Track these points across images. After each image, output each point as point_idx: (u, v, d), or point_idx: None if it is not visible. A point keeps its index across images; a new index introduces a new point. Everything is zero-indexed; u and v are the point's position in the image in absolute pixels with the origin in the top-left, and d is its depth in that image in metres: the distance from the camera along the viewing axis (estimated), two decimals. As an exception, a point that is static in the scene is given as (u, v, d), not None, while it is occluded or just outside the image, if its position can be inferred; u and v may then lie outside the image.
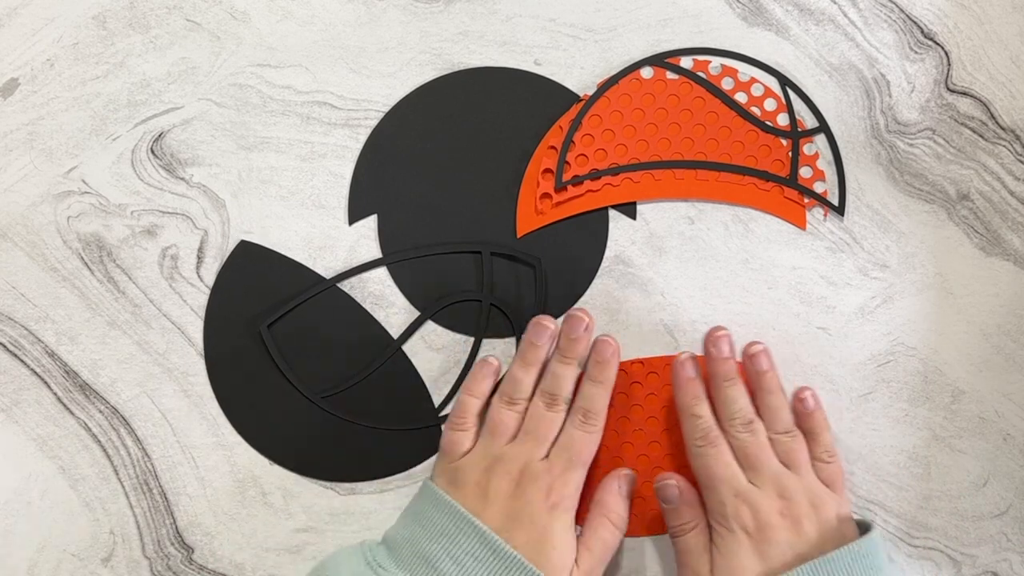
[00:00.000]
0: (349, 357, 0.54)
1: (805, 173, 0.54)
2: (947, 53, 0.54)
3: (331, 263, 0.54)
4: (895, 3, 0.54)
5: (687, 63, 0.54)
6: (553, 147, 0.54)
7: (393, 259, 0.54)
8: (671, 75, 0.54)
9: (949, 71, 0.54)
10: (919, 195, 0.54)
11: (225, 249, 0.54)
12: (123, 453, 0.54)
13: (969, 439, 0.54)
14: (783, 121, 0.54)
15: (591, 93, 0.54)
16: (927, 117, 0.54)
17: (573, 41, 0.54)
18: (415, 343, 0.54)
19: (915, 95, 0.54)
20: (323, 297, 0.54)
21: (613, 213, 0.54)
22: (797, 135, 0.54)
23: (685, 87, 0.54)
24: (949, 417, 0.54)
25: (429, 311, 0.54)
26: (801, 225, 0.54)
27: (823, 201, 0.54)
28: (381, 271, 0.54)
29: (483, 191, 0.54)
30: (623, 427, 0.53)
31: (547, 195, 0.54)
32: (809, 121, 0.54)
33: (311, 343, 0.54)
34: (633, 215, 0.54)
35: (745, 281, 0.54)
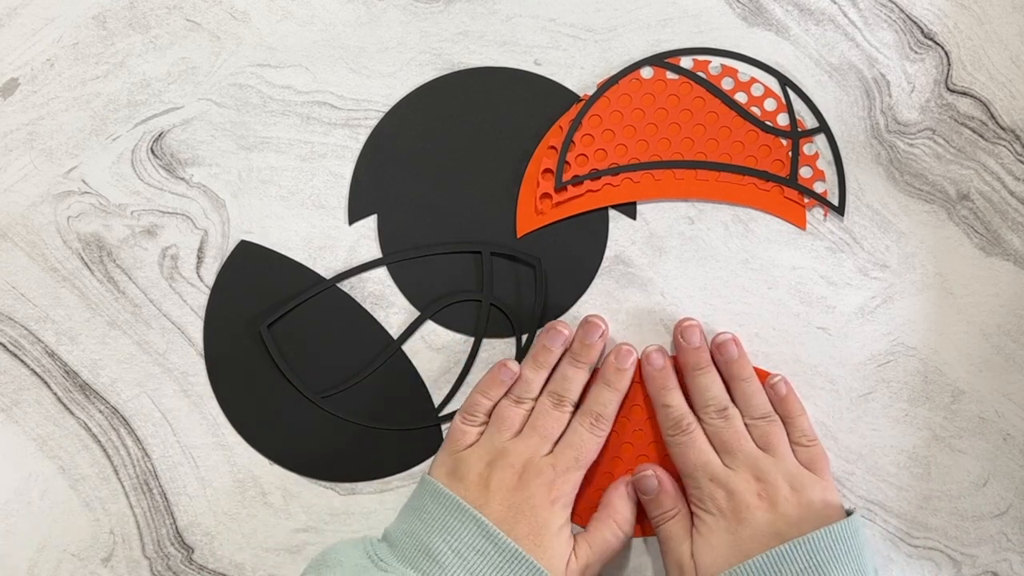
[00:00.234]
0: (349, 357, 0.54)
1: (805, 173, 0.54)
2: (947, 53, 0.54)
3: (331, 263, 0.54)
4: (895, 3, 0.54)
5: (687, 63, 0.54)
6: (553, 147, 0.54)
7: (393, 259, 0.54)
8: (671, 75, 0.54)
9: (949, 71, 0.54)
10: (919, 195, 0.54)
11: (225, 249, 0.54)
12: (123, 453, 0.54)
13: (969, 439, 0.54)
14: (783, 121, 0.54)
15: (591, 93, 0.54)
16: (927, 117, 0.54)
17: (573, 41, 0.54)
18: (415, 343, 0.54)
19: (915, 95, 0.54)
20: (323, 297, 0.54)
21: (613, 213, 0.54)
22: (797, 135, 0.54)
23: (685, 87, 0.54)
24: (949, 417, 0.54)
25: (429, 311, 0.54)
26: (801, 225, 0.54)
27: (823, 201, 0.54)
28: (381, 271, 0.54)
29: (483, 191, 0.54)
30: (623, 427, 0.53)
31: (547, 195, 0.54)
32: (809, 121, 0.54)
33: (311, 343, 0.54)
34: (633, 215, 0.54)
35: (745, 281, 0.54)
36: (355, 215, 0.54)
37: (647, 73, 0.54)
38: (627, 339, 0.54)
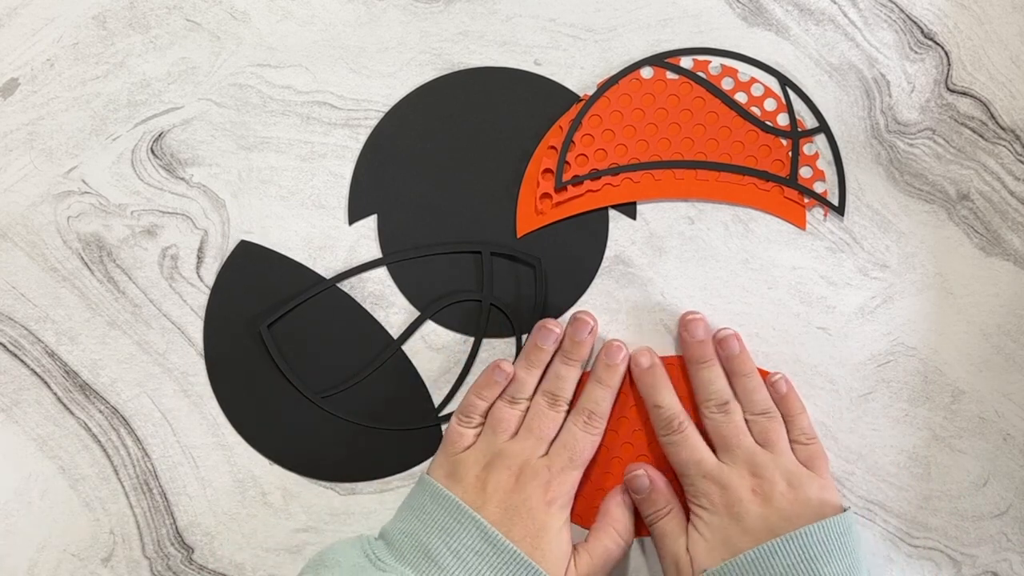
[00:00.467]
0: (349, 357, 0.54)
1: (805, 173, 0.54)
2: (947, 53, 0.54)
3: (331, 263, 0.54)
4: (895, 3, 0.54)
5: (687, 63, 0.54)
6: (553, 147, 0.54)
7: (393, 259, 0.54)
8: (671, 75, 0.54)
9: (949, 71, 0.54)
10: (919, 195, 0.54)
11: (225, 249, 0.54)
12: (123, 453, 0.54)
13: (969, 439, 0.54)
14: (783, 121, 0.54)
15: (591, 93, 0.54)
16: (927, 117, 0.54)
17: (573, 41, 0.54)
18: (415, 343, 0.54)
19: (915, 95, 0.54)
20: (323, 297, 0.54)
21: (613, 213, 0.54)
22: (797, 135, 0.54)
23: (685, 87, 0.54)
24: (949, 417, 0.54)
25: (429, 311, 0.54)
26: (801, 225, 0.54)
27: (823, 201, 0.54)
28: (381, 271, 0.54)
29: (483, 191, 0.54)
30: (622, 427, 0.53)
31: (547, 195, 0.54)
32: (809, 121, 0.54)
33: (311, 343, 0.54)
34: (633, 215, 0.54)
35: (745, 281, 0.54)
36: (355, 215, 0.54)
37: (647, 73, 0.54)
38: (627, 339, 0.54)
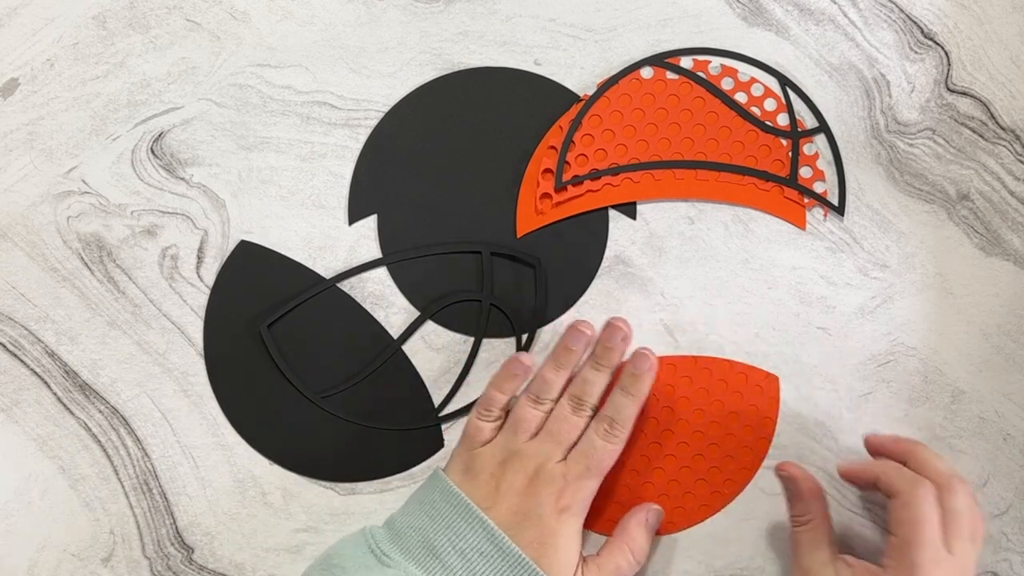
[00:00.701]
0: (349, 357, 0.54)
1: (805, 173, 0.54)
2: (947, 53, 0.54)
3: (331, 263, 0.54)
4: (895, 3, 0.54)
5: (687, 63, 0.54)
6: (553, 147, 0.54)
7: (393, 259, 0.54)
8: (671, 75, 0.54)
9: (949, 71, 0.54)
10: (919, 195, 0.54)
11: (225, 249, 0.54)
12: (123, 453, 0.54)
13: (969, 439, 0.54)
14: (783, 121, 0.54)
15: (591, 93, 0.54)
16: (927, 117, 0.54)
17: (573, 41, 0.54)
18: (415, 343, 0.54)
19: (915, 95, 0.54)
20: (323, 297, 0.54)
21: (613, 213, 0.54)
22: (797, 135, 0.54)
23: (685, 87, 0.54)
24: (949, 417, 0.54)
25: (429, 311, 0.54)
26: (801, 225, 0.54)
27: (823, 201, 0.54)
28: (381, 271, 0.54)
29: (483, 191, 0.54)
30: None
31: (547, 195, 0.54)
32: (809, 121, 0.54)
33: (311, 343, 0.54)
34: (633, 215, 0.54)
35: (745, 281, 0.54)
36: (355, 215, 0.54)
37: (647, 73, 0.54)
38: (627, 339, 0.54)
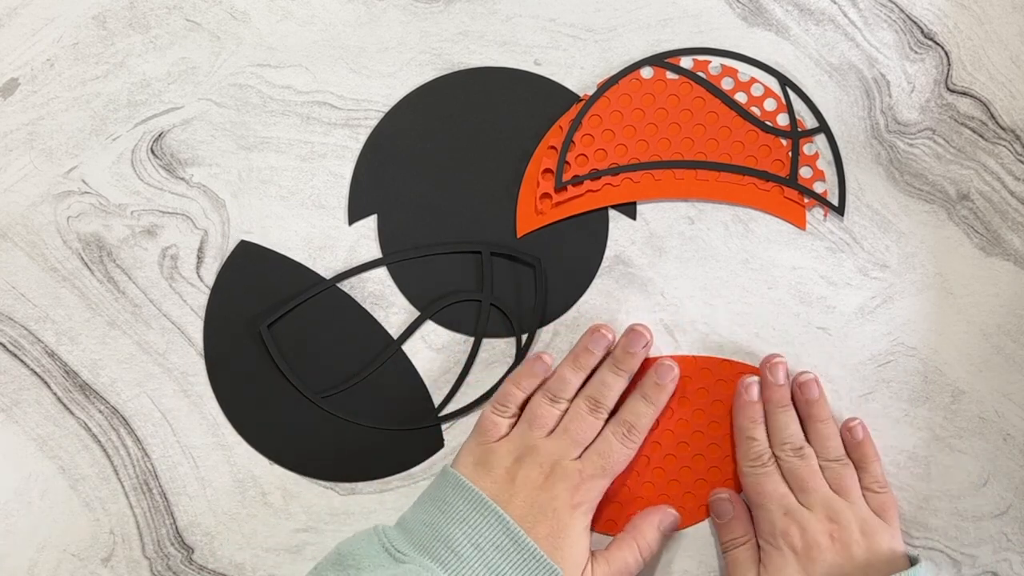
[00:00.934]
0: (349, 357, 0.54)
1: (805, 173, 0.54)
2: (947, 53, 0.54)
3: (331, 263, 0.54)
4: (895, 3, 0.54)
5: (687, 63, 0.54)
6: (553, 147, 0.54)
7: (393, 259, 0.54)
8: (671, 75, 0.54)
9: (949, 71, 0.54)
10: (919, 195, 0.54)
11: (225, 249, 0.54)
12: (123, 453, 0.54)
13: (969, 439, 0.54)
14: (783, 121, 0.54)
15: (591, 93, 0.54)
16: (927, 117, 0.54)
17: (573, 41, 0.54)
18: (415, 343, 0.54)
19: (915, 95, 0.54)
20: (323, 297, 0.54)
21: (613, 213, 0.54)
22: (797, 135, 0.54)
23: (685, 87, 0.54)
24: (949, 417, 0.54)
25: (429, 311, 0.54)
26: (801, 225, 0.54)
27: (823, 201, 0.54)
28: (381, 271, 0.54)
29: (483, 191, 0.54)
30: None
31: (547, 195, 0.54)
32: (809, 121, 0.54)
33: (311, 343, 0.54)
34: (633, 215, 0.54)
35: (745, 281, 0.54)
36: (355, 215, 0.54)
37: (647, 73, 0.54)
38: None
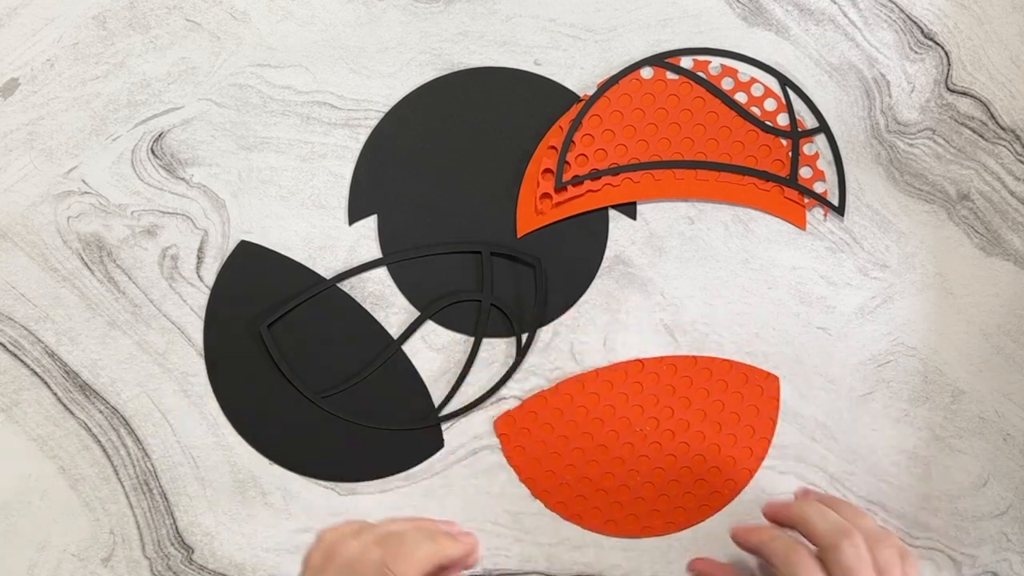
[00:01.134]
0: (349, 357, 0.54)
1: (805, 173, 0.54)
2: (947, 53, 0.54)
3: (331, 263, 0.54)
4: (895, 3, 0.54)
5: (687, 63, 0.54)
6: (553, 147, 0.54)
7: (393, 259, 0.54)
8: (671, 75, 0.54)
9: (949, 71, 0.54)
10: (919, 195, 0.54)
11: (225, 249, 0.54)
12: (123, 453, 0.54)
13: (969, 439, 0.54)
14: (783, 121, 0.54)
15: (591, 93, 0.54)
16: (927, 117, 0.54)
17: (573, 41, 0.54)
18: (415, 343, 0.54)
19: (915, 95, 0.54)
20: (323, 297, 0.54)
21: (613, 213, 0.54)
22: (797, 135, 0.54)
23: (685, 87, 0.54)
24: (949, 417, 0.54)
25: (429, 311, 0.54)
26: (801, 225, 0.54)
27: (823, 201, 0.54)
28: (381, 271, 0.54)
29: (483, 191, 0.54)
30: (623, 428, 0.53)
31: (547, 195, 0.54)
32: (809, 121, 0.54)
33: (311, 343, 0.54)
34: (633, 215, 0.54)
35: (745, 281, 0.54)
36: (355, 215, 0.54)
37: (647, 73, 0.54)
38: (627, 339, 0.54)
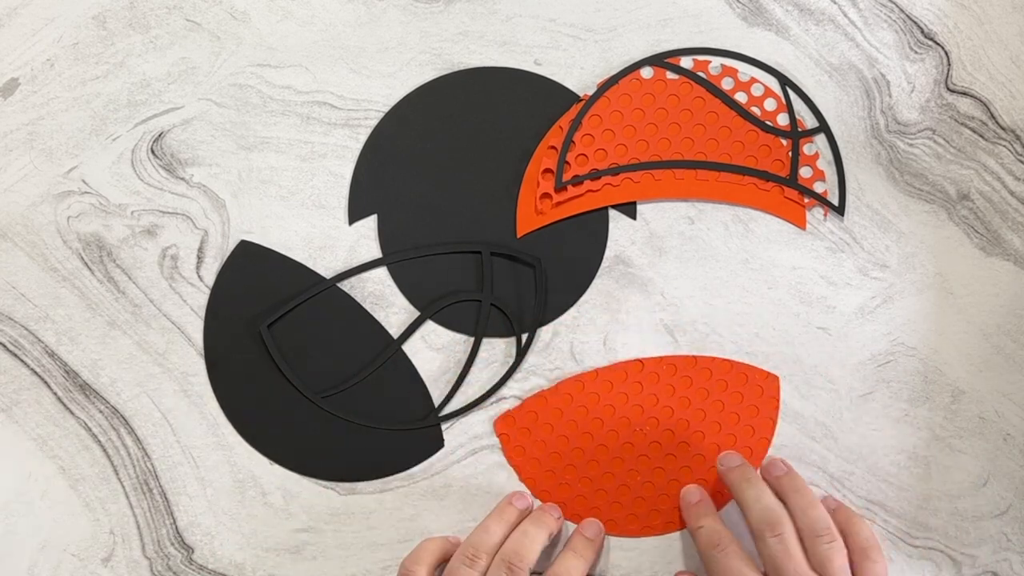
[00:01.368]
0: (349, 357, 0.54)
1: (805, 173, 0.54)
2: (947, 53, 0.54)
3: (331, 263, 0.54)
4: (895, 3, 0.54)
5: (687, 63, 0.54)
6: (553, 147, 0.54)
7: (393, 259, 0.54)
8: (671, 75, 0.54)
9: (949, 71, 0.54)
10: (919, 195, 0.54)
11: (225, 249, 0.54)
12: (123, 453, 0.54)
13: (969, 439, 0.54)
14: (783, 121, 0.54)
15: (591, 93, 0.54)
16: (927, 117, 0.54)
17: (573, 41, 0.54)
18: (415, 343, 0.54)
19: (915, 95, 0.54)
20: (323, 297, 0.54)
21: (613, 213, 0.54)
22: (797, 135, 0.54)
23: (685, 87, 0.54)
24: (949, 417, 0.54)
25: (429, 311, 0.54)
26: (801, 225, 0.54)
27: (823, 201, 0.54)
28: (381, 271, 0.54)
29: (483, 191, 0.54)
30: (623, 428, 0.53)
31: (547, 195, 0.54)
32: (809, 121, 0.54)
33: (311, 343, 0.54)
34: (633, 215, 0.54)
35: (745, 281, 0.54)
36: (355, 215, 0.54)
37: (647, 73, 0.54)
38: (627, 339, 0.54)
